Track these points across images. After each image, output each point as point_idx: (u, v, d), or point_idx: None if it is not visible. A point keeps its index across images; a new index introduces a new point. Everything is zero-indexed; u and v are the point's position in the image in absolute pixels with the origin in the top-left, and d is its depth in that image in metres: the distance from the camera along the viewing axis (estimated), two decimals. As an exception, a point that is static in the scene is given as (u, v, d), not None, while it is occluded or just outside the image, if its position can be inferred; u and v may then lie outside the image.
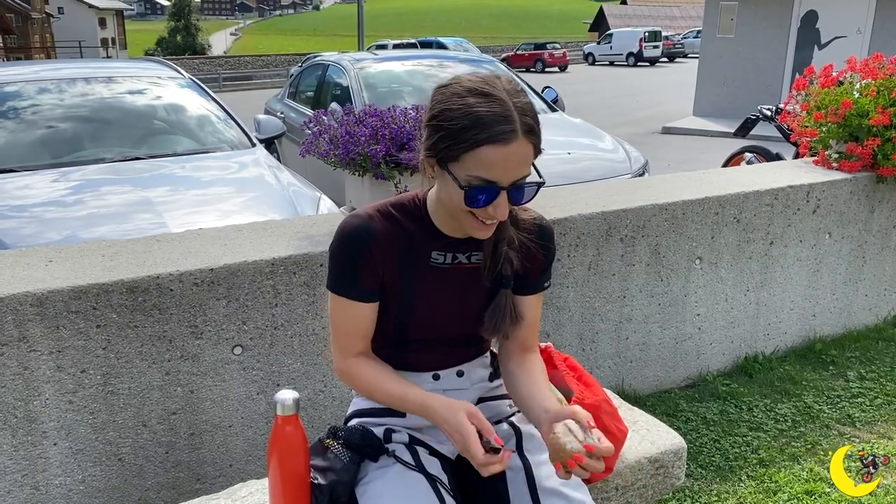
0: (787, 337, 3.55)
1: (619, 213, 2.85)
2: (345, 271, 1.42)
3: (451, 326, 1.51)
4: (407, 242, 1.44)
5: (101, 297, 2.02)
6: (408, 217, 1.45)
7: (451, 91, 1.30)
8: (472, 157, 1.25)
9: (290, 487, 1.39)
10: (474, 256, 1.47)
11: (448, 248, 1.46)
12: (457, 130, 1.26)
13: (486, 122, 1.24)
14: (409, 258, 1.44)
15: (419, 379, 1.52)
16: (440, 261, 1.46)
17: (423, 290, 1.46)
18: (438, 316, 1.48)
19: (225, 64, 36.79)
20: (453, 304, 1.48)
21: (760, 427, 2.92)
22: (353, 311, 1.44)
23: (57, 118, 3.94)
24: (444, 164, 1.30)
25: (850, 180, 3.46)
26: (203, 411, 2.25)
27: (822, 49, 12.59)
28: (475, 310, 1.49)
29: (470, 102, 1.26)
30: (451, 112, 1.27)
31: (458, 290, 1.48)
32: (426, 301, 1.47)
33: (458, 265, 1.47)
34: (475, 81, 1.30)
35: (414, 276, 1.45)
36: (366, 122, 2.43)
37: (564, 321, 2.86)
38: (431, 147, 1.31)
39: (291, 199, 3.45)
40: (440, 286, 1.47)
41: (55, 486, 2.10)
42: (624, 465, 1.77)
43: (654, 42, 37.83)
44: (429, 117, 1.32)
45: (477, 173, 1.26)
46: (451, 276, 1.47)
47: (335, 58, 6.57)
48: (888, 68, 3.64)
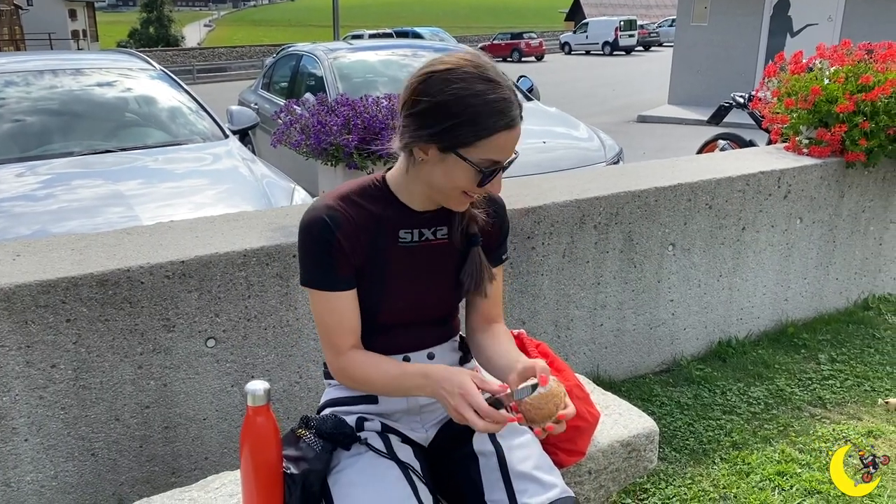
0: (759, 321, 3.59)
1: (592, 201, 2.87)
2: (317, 264, 1.42)
3: (422, 306, 1.52)
4: (375, 225, 1.45)
5: (70, 291, 1.99)
6: (372, 200, 1.46)
7: (457, 77, 1.30)
8: (489, 143, 1.31)
9: (262, 478, 1.38)
10: (439, 232, 1.50)
11: (415, 225, 1.48)
12: (474, 118, 1.29)
13: (502, 108, 1.30)
14: (379, 241, 1.45)
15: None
16: (408, 239, 1.48)
17: (395, 272, 1.47)
18: (410, 296, 1.49)
19: (199, 56, 36.38)
20: (424, 282, 1.50)
21: (733, 410, 2.96)
22: (335, 302, 1.44)
23: (26, 111, 3.88)
24: (453, 149, 1.32)
25: (820, 166, 3.50)
26: (177, 404, 2.23)
27: (795, 36, 12.70)
28: (445, 287, 1.52)
29: (481, 90, 1.30)
30: (464, 101, 1.29)
31: (428, 267, 1.50)
32: (398, 282, 1.48)
33: (426, 242, 1.49)
34: (473, 65, 1.32)
35: (386, 258, 1.46)
36: (338, 112, 2.42)
37: (539, 308, 2.88)
38: (439, 134, 1.31)
39: (265, 190, 3.43)
40: (411, 265, 1.48)
41: (27, 483, 2.08)
42: (596, 450, 1.79)
43: (630, 31, 37.96)
44: (432, 105, 1.31)
45: (490, 156, 1.33)
46: (419, 253, 1.49)
47: (309, 48, 6.52)
48: (856, 55, 3.69)
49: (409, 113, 1.35)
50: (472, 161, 1.32)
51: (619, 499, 2.42)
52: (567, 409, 1.33)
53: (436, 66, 1.33)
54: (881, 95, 3.38)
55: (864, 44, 3.77)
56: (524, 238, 2.75)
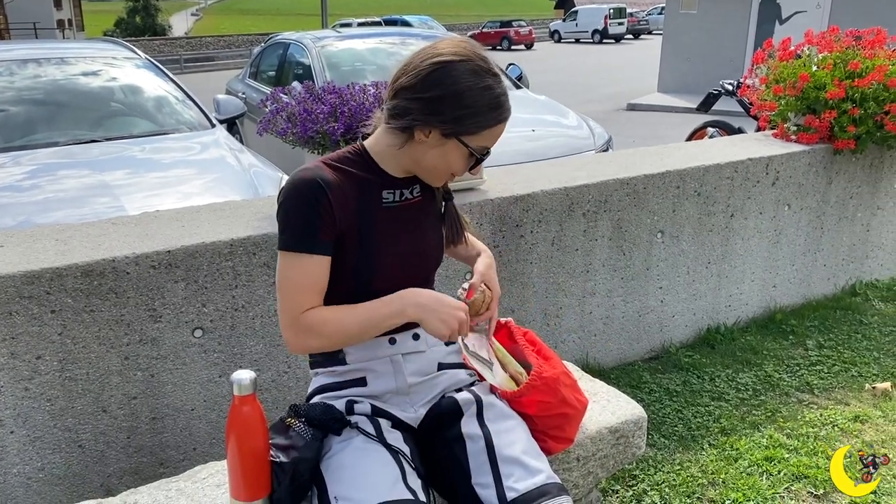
0: (748, 308, 3.61)
1: (581, 189, 2.86)
2: (304, 224, 1.40)
3: (409, 265, 1.53)
4: (360, 188, 1.48)
5: (54, 282, 1.98)
6: (355, 166, 1.50)
7: (469, 70, 1.39)
8: (489, 132, 1.43)
9: (249, 467, 1.38)
10: (414, 190, 1.56)
11: (395, 186, 1.53)
12: (482, 110, 1.40)
13: (503, 102, 1.42)
14: (365, 203, 1.48)
15: (374, 343, 1.53)
16: (391, 199, 1.52)
17: (383, 233, 1.49)
18: (398, 253, 1.51)
19: (186, 45, 36.07)
20: (409, 238, 1.53)
21: (722, 397, 2.97)
22: (310, 266, 1.41)
23: (10, 101, 3.84)
24: (456, 135, 1.41)
25: (808, 152, 3.51)
26: (164, 395, 2.22)
27: (783, 24, 12.72)
28: (430, 242, 1.58)
29: (489, 84, 1.40)
30: (476, 93, 1.39)
31: (413, 226, 1.54)
32: (386, 241, 1.49)
33: (406, 201, 1.54)
34: (481, 59, 1.41)
35: (373, 220, 1.48)
36: (324, 100, 2.40)
37: (528, 297, 2.88)
38: (448, 121, 1.39)
39: (252, 179, 3.40)
40: (397, 226, 1.51)
41: (13, 475, 2.06)
42: (585, 436, 1.79)
43: (619, 19, 37.91)
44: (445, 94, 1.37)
45: (485, 144, 1.45)
46: (402, 213, 1.53)
47: (297, 36, 6.48)
48: (844, 41, 3.69)
49: (417, 97, 1.39)
50: (472, 147, 1.43)
51: (608, 485, 2.43)
52: (488, 311, 1.60)
53: (449, 56, 1.39)
54: (872, 82, 3.38)
55: (852, 30, 3.77)
56: (513, 226, 2.74)
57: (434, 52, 1.40)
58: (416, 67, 1.40)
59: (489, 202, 2.66)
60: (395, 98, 1.43)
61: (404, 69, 1.42)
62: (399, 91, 1.42)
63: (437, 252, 1.62)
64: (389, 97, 1.45)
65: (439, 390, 1.60)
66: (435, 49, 1.41)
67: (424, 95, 1.38)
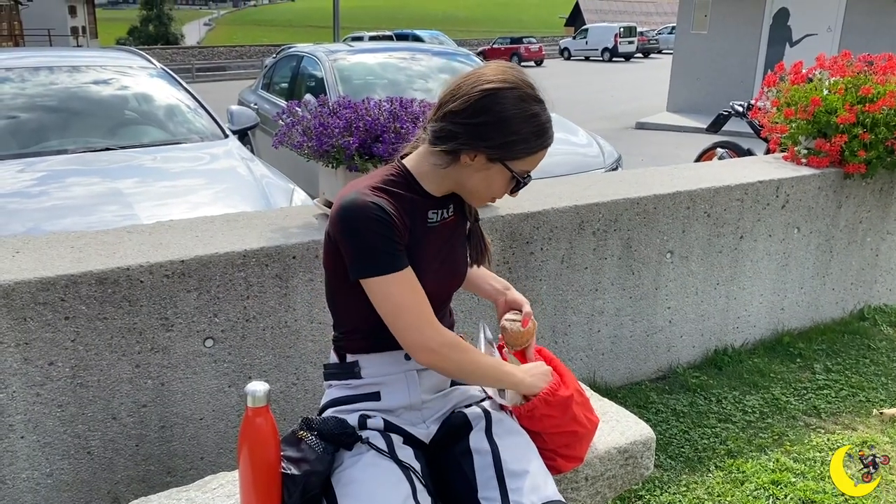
0: (755, 330, 3.60)
1: (591, 207, 2.87)
2: (385, 246, 1.40)
3: (444, 286, 1.58)
4: (410, 208, 1.49)
5: (69, 289, 1.99)
6: (401, 187, 1.50)
7: (518, 97, 1.41)
8: (533, 158, 1.46)
9: (260, 479, 1.38)
10: (450, 210, 1.58)
11: (437, 206, 1.55)
12: (529, 137, 1.43)
13: (548, 129, 1.45)
14: (414, 222, 1.49)
15: (390, 358, 1.54)
16: (435, 219, 1.54)
17: (427, 251, 1.51)
18: (438, 272, 1.53)
19: (198, 54, 36.30)
20: (448, 260, 1.57)
21: (729, 418, 2.96)
22: (411, 280, 1.43)
23: (24, 108, 3.87)
24: (502, 160, 1.44)
25: (818, 176, 3.51)
26: (174, 404, 2.23)
27: (794, 46, 12.74)
28: (460, 261, 1.62)
29: (536, 111, 1.43)
30: (525, 120, 1.42)
31: (449, 245, 1.57)
32: (429, 262, 1.51)
33: (444, 221, 1.56)
34: (528, 86, 1.44)
35: (420, 239, 1.50)
36: (340, 114, 2.42)
37: (537, 314, 2.88)
38: (496, 147, 1.41)
39: (264, 190, 3.43)
40: (437, 245, 1.54)
41: (22, 480, 2.07)
42: (594, 456, 1.79)
43: (630, 37, 38.00)
44: (495, 120, 1.40)
45: (527, 168, 1.48)
46: (442, 233, 1.55)
47: (310, 49, 6.52)
48: (856, 66, 3.70)
49: (465, 122, 1.41)
50: (515, 172, 1.46)
51: (614, 505, 2.43)
52: (529, 348, 1.74)
53: (498, 84, 1.40)
54: (883, 107, 3.39)
55: (864, 55, 3.79)
56: (523, 243, 2.75)
57: (483, 78, 1.42)
58: (465, 94, 1.41)
59: (500, 218, 2.68)
60: (442, 121, 1.44)
61: (453, 94, 1.43)
62: (447, 115, 1.43)
63: (465, 270, 1.65)
64: (435, 119, 1.46)
65: (450, 406, 1.61)
66: (483, 75, 1.42)
67: (473, 121, 1.40)
